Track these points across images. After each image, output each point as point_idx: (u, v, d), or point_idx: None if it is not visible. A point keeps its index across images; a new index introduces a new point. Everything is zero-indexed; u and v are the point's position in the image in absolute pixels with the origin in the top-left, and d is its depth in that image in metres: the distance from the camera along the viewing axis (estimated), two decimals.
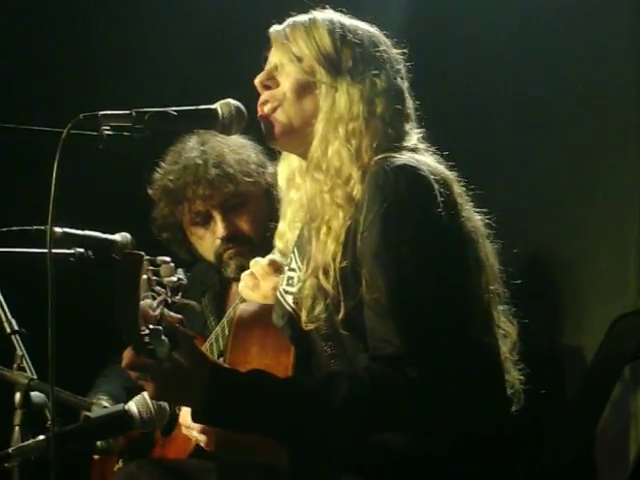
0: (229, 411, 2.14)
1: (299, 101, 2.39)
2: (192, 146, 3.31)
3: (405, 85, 2.45)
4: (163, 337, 2.00)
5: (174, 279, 2.06)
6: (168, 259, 2.07)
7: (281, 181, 2.54)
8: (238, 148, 3.31)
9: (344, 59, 2.36)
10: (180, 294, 2.07)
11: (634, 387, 3.19)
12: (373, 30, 2.44)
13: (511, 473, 2.32)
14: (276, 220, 3.32)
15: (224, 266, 3.32)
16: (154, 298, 2.00)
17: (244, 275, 2.59)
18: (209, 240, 3.34)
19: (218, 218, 3.30)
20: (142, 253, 2.00)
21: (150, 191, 3.36)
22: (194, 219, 3.34)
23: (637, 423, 3.18)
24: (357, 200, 2.27)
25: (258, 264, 2.62)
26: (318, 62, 2.37)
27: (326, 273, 2.25)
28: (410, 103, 2.45)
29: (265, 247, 3.22)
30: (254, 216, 3.32)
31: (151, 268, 2.02)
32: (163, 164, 3.34)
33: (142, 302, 1.95)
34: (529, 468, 2.43)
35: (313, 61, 2.37)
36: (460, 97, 3.57)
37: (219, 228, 3.29)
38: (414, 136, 2.40)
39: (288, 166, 2.50)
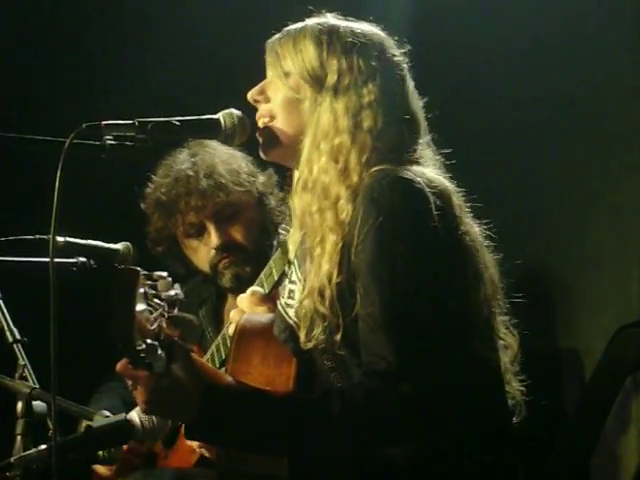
0: (221, 428, 2.13)
1: (288, 117, 2.37)
2: (183, 158, 3.31)
3: (407, 88, 2.39)
4: (159, 352, 2.00)
5: (171, 293, 2.05)
6: (165, 274, 2.07)
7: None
8: (229, 158, 3.32)
9: (329, 72, 2.32)
10: (177, 308, 2.07)
11: (636, 396, 3.19)
12: (370, 32, 2.39)
13: None
14: (269, 228, 3.35)
15: (220, 276, 3.33)
16: (151, 312, 2.00)
17: (233, 314, 2.58)
18: (203, 251, 3.34)
19: (211, 228, 3.30)
20: (138, 268, 1.99)
21: (143, 205, 3.37)
22: (188, 231, 3.35)
23: (639, 432, 3.18)
24: (350, 216, 2.23)
25: (243, 299, 2.61)
26: (303, 78, 2.34)
27: (322, 295, 2.23)
28: (413, 107, 2.39)
29: (259, 254, 3.25)
30: (247, 225, 3.33)
31: (148, 283, 2.02)
32: (155, 178, 3.35)
33: (139, 316, 1.95)
34: (532, 478, 2.42)
35: (298, 77, 2.35)
36: (461, 105, 3.56)
37: (213, 238, 3.30)
38: (416, 144, 2.35)
39: None
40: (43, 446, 2.42)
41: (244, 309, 2.58)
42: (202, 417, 2.09)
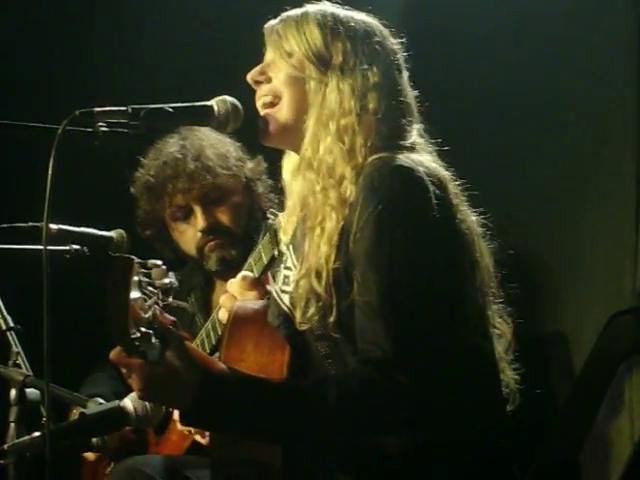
0: (217, 414, 2.13)
1: (291, 96, 2.37)
2: (172, 142, 3.35)
3: (403, 77, 2.41)
4: (154, 340, 2.00)
5: (166, 281, 2.06)
6: (160, 262, 2.07)
7: (285, 174, 2.52)
8: (217, 143, 3.36)
9: (334, 54, 2.33)
10: (171, 297, 2.08)
11: (629, 383, 3.20)
12: (369, 20, 2.41)
13: (506, 473, 2.32)
14: (256, 214, 3.37)
15: (206, 259, 3.36)
16: (145, 300, 2.00)
17: (223, 299, 2.58)
18: (190, 234, 3.37)
19: (198, 211, 3.33)
20: (133, 257, 1.99)
21: (132, 189, 3.39)
22: (175, 214, 3.38)
23: (632, 419, 3.19)
24: (351, 201, 2.25)
25: (233, 284, 2.61)
26: (307, 58, 2.34)
27: (319, 276, 2.24)
28: (409, 96, 2.40)
29: (246, 239, 3.27)
30: (234, 208, 3.36)
31: (143, 271, 2.02)
32: (144, 161, 3.38)
33: (133, 304, 1.95)
34: (524, 468, 2.43)
35: (302, 57, 2.35)
36: (456, 96, 3.56)
37: (199, 220, 3.33)
38: (412, 132, 2.37)
39: (292, 161, 2.48)
40: (37, 433, 2.41)
41: (234, 294, 2.58)
42: (198, 403, 2.09)
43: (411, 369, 2.12)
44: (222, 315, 2.61)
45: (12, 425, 2.47)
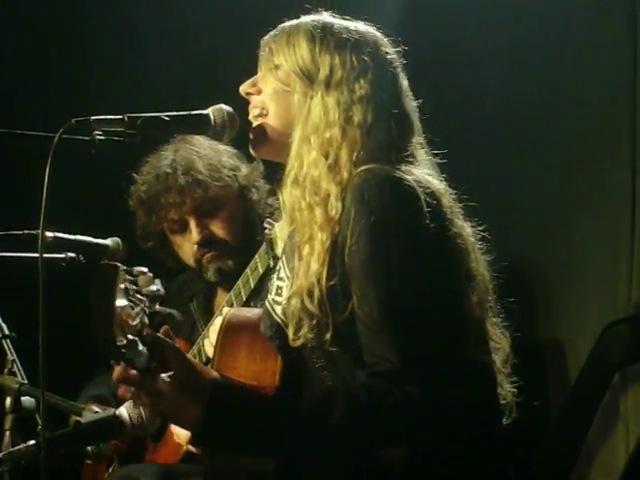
0: (227, 432, 2.11)
1: (277, 109, 2.38)
2: (164, 155, 3.34)
3: (399, 87, 2.38)
4: (140, 347, 1.99)
5: (153, 289, 2.05)
6: (145, 269, 2.07)
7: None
8: (210, 153, 3.34)
9: (321, 67, 2.32)
10: (158, 304, 2.07)
11: (624, 393, 3.20)
12: (364, 30, 2.39)
13: None
14: (253, 221, 3.36)
15: (204, 270, 3.36)
16: (133, 308, 1.99)
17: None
18: (187, 246, 3.37)
19: (192, 224, 3.33)
20: (118, 264, 1.99)
21: (130, 202, 3.40)
22: (171, 227, 3.38)
23: (627, 429, 3.19)
24: (340, 215, 2.22)
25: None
26: (293, 71, 2.35)
27: (310, 294, 2.22)
28: (406, 106, 2.38)
29: (242, 248, 3.27)
30: (228, 219, 3.35)
31: (129, 278, 2.01)
32: (139, 174, 3.38)
33: (120, 312, 1.95)
34: (520, 477, 2.42)
35: (289, 70, 2.35)
36: (450, 105, 3.57)
37: (193, 233, 3.33)
38: (407, 144, 2.34)
39: None
40: (32, 441, 2.41)
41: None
42: (207, 421, 2.07)
43: (419, 380, 2.11)
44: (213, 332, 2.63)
45: (7, 433, 2.47)
